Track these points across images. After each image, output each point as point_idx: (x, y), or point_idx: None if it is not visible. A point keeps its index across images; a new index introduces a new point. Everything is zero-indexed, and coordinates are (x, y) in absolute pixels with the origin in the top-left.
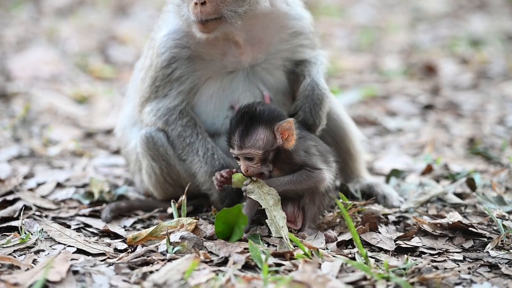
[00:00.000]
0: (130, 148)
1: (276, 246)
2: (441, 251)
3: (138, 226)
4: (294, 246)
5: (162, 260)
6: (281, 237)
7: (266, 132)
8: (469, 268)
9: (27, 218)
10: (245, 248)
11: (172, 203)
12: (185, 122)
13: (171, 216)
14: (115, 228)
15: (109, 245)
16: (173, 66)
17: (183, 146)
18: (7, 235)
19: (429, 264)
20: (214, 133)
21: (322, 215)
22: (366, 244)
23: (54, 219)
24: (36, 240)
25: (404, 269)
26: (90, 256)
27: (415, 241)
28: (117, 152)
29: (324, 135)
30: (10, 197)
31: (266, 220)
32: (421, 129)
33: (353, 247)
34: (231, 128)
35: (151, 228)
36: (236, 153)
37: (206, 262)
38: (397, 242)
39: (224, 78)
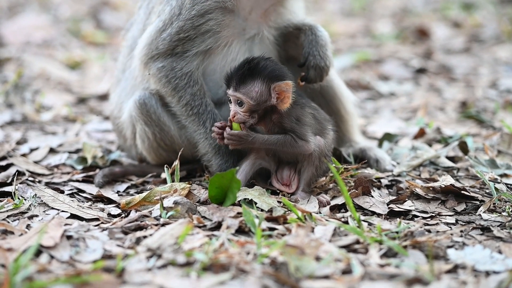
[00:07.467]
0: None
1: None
2: (433, 215)
3: (132, 191)
4: (287, 211)
5: (156, 225)
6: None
7: (262, 87)
8: (461, 231)
9: (21, 183)
10: (238, 213)
11: (165, 168)
12: (195, 91)
13: (164, 181)
14: (109, 193)
15: (102, 210)
16: (208, 16)
17: (189, 115)
18: (1, 201)
19: (421, 227)
20: (216, 102)
21: (316, 179)
22: (359, 208)
23: (47, 184)
24: (30, 205)
25: (397, 232)
26: (84, 221)
27: (408, 205)
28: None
29: (315, 97)
30: (3, 163)
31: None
32: (413, 93)
33: (346, 211)
34: (234, 69)
35: (144, 193)
36: (230, 93)
37: (199, 227)
38: (389, 206)
39: (242, 45)
